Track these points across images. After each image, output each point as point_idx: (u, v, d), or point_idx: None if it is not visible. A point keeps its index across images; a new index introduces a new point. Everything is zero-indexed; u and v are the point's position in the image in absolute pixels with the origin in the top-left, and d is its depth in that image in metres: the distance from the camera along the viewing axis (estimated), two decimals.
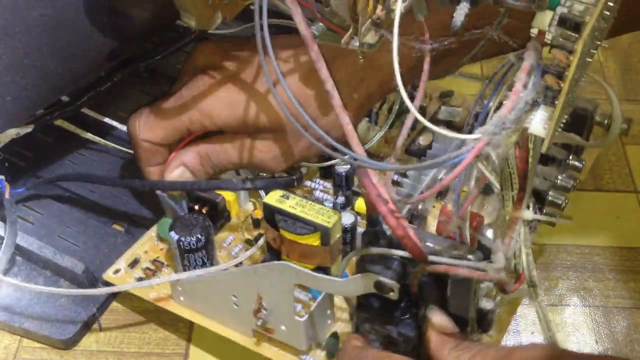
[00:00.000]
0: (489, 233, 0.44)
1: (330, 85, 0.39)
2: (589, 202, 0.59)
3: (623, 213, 0.59)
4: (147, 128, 0.50)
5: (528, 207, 0.41)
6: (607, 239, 0.57)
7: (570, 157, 0.52)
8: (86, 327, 0.51)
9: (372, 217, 0.47)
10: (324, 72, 0.39)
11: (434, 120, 0.60)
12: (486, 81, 0.49)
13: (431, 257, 0.41)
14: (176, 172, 0.50)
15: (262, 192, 0.53)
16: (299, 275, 0.43)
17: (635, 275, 0.55)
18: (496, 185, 0.40)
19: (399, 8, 0.35)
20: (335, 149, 0.38)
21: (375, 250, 0.43)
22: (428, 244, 0.42)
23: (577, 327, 0.52)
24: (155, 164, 0.51)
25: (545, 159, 0.52)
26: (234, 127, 0.49)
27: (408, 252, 0.40)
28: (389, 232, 0.43)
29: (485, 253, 0.43)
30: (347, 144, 0.39)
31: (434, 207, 0.54)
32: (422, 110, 0.61)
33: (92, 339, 0.51)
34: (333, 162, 0.55)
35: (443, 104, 0.61)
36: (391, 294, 0.42)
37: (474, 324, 0.45)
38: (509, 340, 0.51)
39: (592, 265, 0.55)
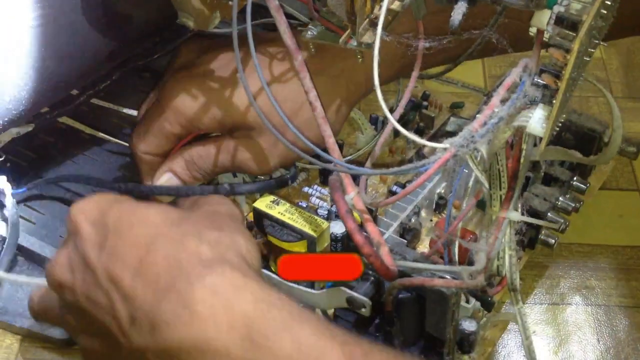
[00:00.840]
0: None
1: (313, 95, 0.40)
2: (593, 200, 0.59)
3: (626, 212, 0.59)
4: (139, 139, 0.50)
5: (516, 208, 0.40)
6: (610, 237, 0.57)
7: (575, 179, 0.52)
8: None
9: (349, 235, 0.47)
10: (307, 82, 0.40)
11: (442, 131, 0.60)
12: (484, 98, 0.49)
13: (401, 279, 0.41)
14: (163, 179, 0.50)
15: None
16: (274, 284, 0.43)
17: (637, 274, 0.55)
18: (485, 185, 0.40)
19: (384, 6, 0.35)
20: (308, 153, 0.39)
21: None
22: (405, 260, 0.42)
23: (579, 325, 0.52)
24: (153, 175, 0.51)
25: (548, 180, 0.52)
26: (212, 126, 0.48)
27: (376, 271, 0.40)
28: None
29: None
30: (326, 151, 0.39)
31: (431, 220, 0.54)
32: (431, 121, 0.60)
33: None
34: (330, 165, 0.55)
35: (453, 115, 0.61)
36: (363, 310, 0.42)
37: (453, 344, 0.44)
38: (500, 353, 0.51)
39: (594, 264, 0.55)
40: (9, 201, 0.54)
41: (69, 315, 0.40)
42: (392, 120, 0.36)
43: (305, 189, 0.56)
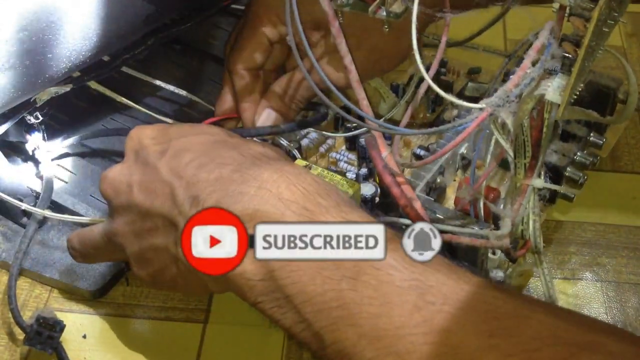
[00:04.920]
0: (503, 206, 0.46)
1: (348, 60, 0.42)
2: (607, 182, 0.60)
3: (639, 194, 0.60)
4: (236, 57, 0.53)
5: (539, 175, 0.42)
6: (623, 217, 0.58)
7: (591, 134, 0.54)
8: (114, 280, 0.53)
9: (385, 189, 0.49)
10: (343, 48, 0.42)
11: (461, 96, 0.61)
12: (506, 59, 0.51)
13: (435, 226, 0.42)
14: (264, 115, 0.53)
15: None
16: None
17: None
18: (510, 153, 0.42)
19: None
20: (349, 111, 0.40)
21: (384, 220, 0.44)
22: (436, 215, 0.44)
23: (588, 300, 0.53)
24: (249, 97, 0.53)
25: (566, 136, 0.53)
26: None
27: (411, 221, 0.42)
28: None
29: (498, 225, 0.45)
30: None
31: (454, 180, 0.56)
32: (449, 86, 0.62)
33: (119, 293, 0.53)
34: (357, 132, 0.57)
35: (470, 81, 0.62)
36: None
37: None
38: None
39: (607, 242, 0.56)
40: (44, 159, 0.56)
41: (117, 224, 0.43)
42: (429, 81, 0.37)
43: (333, 154, 0.57)
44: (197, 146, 0.41)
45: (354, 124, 0.56)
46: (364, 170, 0.55)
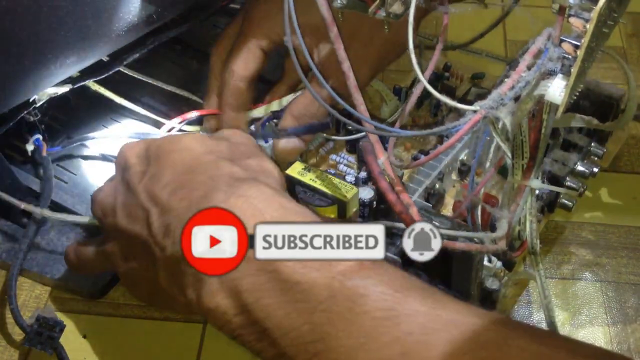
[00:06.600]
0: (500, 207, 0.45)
1: (346, 66, 0.41)
2: (607, 182, 0.60)
3: (639, 194, 0.60)
4: (231, 62, 0.53)
5: (537, 176, 0.42)
6: (623, 218, 0.58)
7: (592, 145, 0.54)
8: (114, 280, 0.53)
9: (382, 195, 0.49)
10: (341, 53, 0.41)
11: (464, 101, 0.61)
12: (507, 67, 0.51)
13: None
14: (290, 141, 0.53)
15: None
16: None
17: None
18: (508, 154, 0.42)
19: None
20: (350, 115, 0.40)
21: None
22: (432, 222, 0.44)
23: (588, 300, 0.53)
24: (239, 106, 0.54)
25: (567, 145, 0.53)
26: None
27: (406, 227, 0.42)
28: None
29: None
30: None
31: (453, 187, 0.56)
32: (452, 91, 0.62)
33: (119, 293, 0.53)
34: (358, 135, 0.57)
35: (474, 86, 0.62)
36: None
37: (476, 301, 0.46)
38: (519, 312, 0.52)
39: (606, 243, 0.56)
40: (44, 159, 0.56)
41: (108, 244, 0.44)
42: (424, 82, 0.37)
43: (333, 156, 0.57)
44: (173, 168, 0.41)
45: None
46: (363, 174, 0.55)
